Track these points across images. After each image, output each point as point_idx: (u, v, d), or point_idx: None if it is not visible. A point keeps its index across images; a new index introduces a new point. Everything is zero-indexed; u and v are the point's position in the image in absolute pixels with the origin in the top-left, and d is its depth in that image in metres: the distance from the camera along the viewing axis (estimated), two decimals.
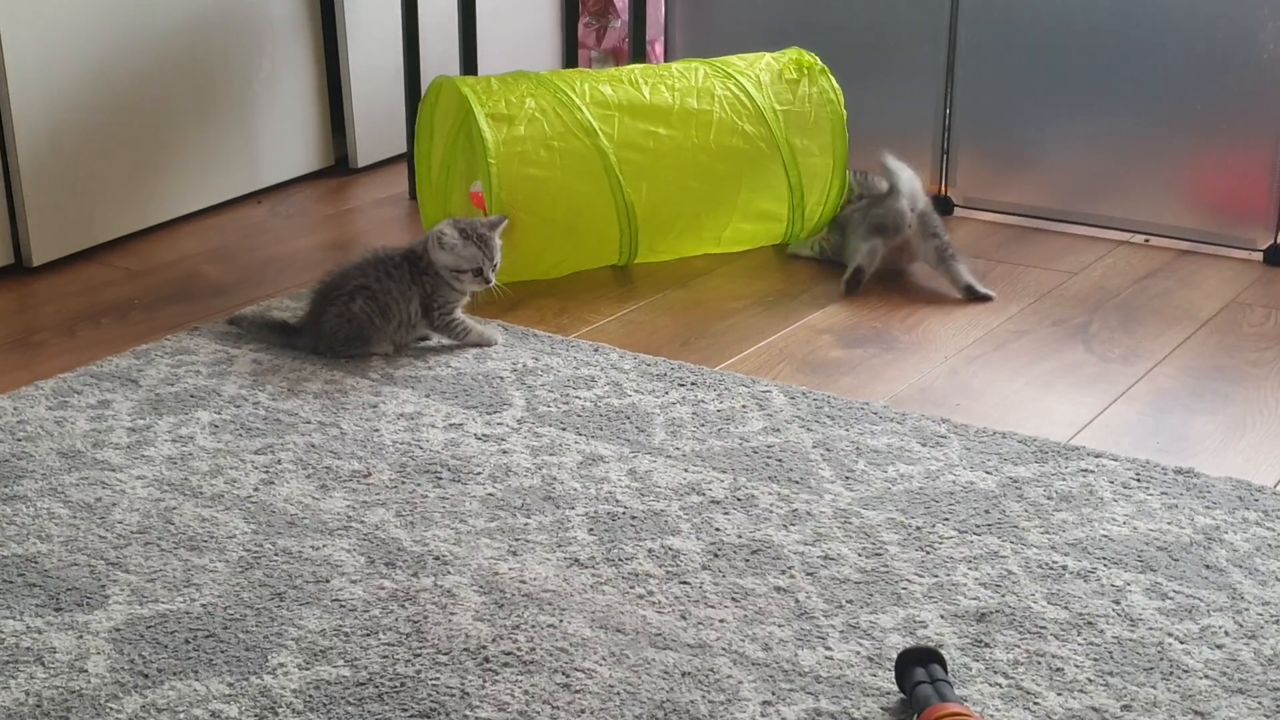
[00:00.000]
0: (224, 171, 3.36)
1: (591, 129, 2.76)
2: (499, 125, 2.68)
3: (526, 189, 2.71)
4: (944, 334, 2.66)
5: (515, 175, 2.69)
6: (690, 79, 2.92)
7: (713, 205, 2.94)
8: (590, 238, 2.86)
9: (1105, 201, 3.19)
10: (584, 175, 2.76)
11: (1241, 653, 1.73)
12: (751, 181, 2.94)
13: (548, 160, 2.72)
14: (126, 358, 2.51)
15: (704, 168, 2.88)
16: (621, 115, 2.81)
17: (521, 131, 2.70)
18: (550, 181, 2.73)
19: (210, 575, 1.87)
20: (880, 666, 1.70)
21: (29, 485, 2.09)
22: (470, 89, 2.73)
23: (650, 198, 2.84)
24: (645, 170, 2.82)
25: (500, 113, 2.70)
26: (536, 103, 2.75)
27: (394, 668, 1.69)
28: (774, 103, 2.95)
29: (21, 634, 1.75)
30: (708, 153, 2.88)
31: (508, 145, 2.68)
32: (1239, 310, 2.77)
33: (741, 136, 2.91)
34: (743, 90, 2.93)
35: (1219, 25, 3.00)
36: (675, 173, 2.86)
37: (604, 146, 2.76)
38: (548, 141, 2.72)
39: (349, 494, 2.07)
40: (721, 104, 2.90)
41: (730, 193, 2.93)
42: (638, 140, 2.81)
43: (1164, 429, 2.30)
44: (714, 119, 2.88)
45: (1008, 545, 1.94)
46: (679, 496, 2.07)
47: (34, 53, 2.89)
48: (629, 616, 1.79)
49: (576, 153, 2.75)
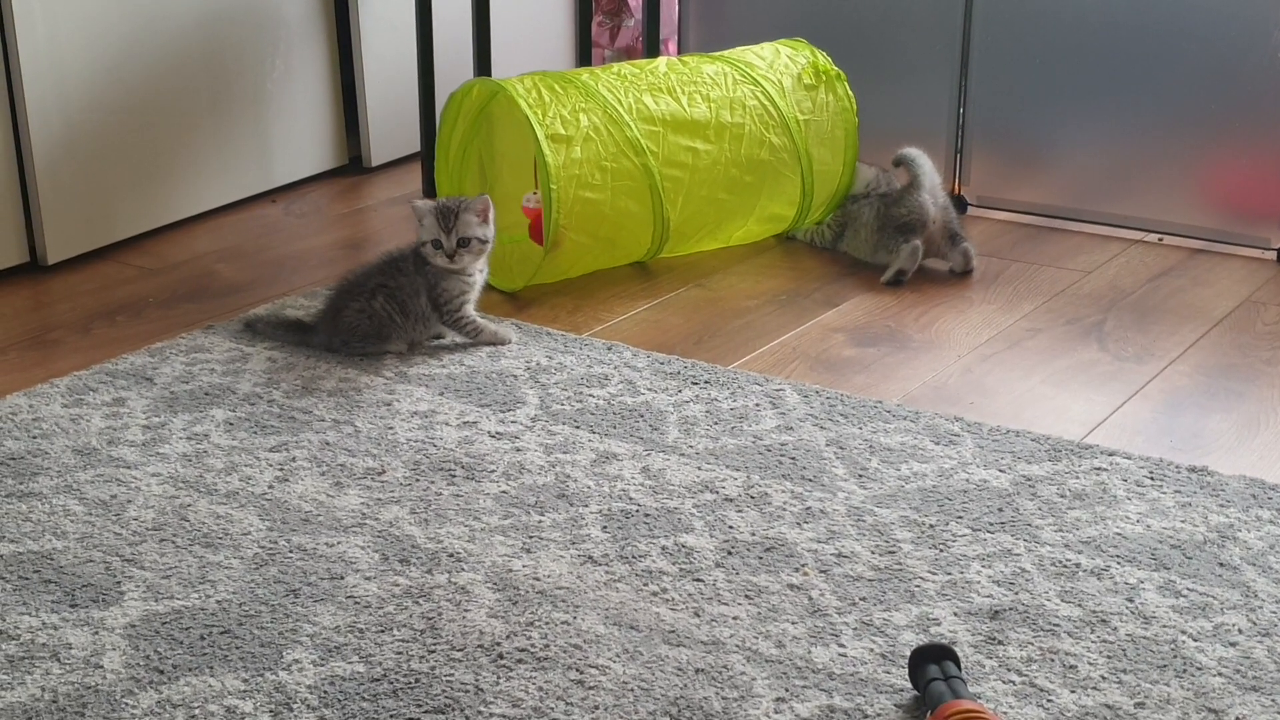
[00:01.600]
0: (238, 170, 3.36)
1: (640, 147, 2.78)
2: (558, 147, 2.69)
3: (580, 210, 2.73)
4: (957, 332, 2.66)
5: (572, 198, 2.70)
6: (722, 86, 2.93)
7: (735, 213, 2.98)
8: (624, 248, 2.89)
9: (1119, 200, 3.19)
10: (631, 194, 2.79)
11: (1255, 650, 1.72)
12: (771, 189, 2.98)
13: (601, 183, 2.74)
14: (141, 355, 2.51)
15: (733, 180, 2.92)
16: (666, 131, 2.83)
17: (578, 154, 2.72)
18: (602, 203, 2.75)
19: (225, 572, 1.88)
20: (894, 664, 1.70)
21: (44, 482, 2.09)
22: (527, 104, 2.72)
23: (684, 211, 2.88)
24: (683, 185, 2.85)
25: (558, 133, 2.71)
26: (589, 119, 2.76)
27: (408, 664, 1.69)
28: (797, 111, 2.98)
29: (37, 630, 1.76)
30: (738, 166, 2.91)
31: (566, 169, 2.69)
32: (1252, 309, 2.76)
33: (769, 148, 2.94)
34: (769, 99, 2.95)
35: (1232, 25, 2.99)
36: (709, 187, 2.89)
37: (651, 166, 2.78)
38: (601, 163, 2.74)
39: (363, 491, 2.08)
40: (752, 115, 2.93)
41: (752, 201, 2.97)
42: (679, 157, 2.84)
43: (1177, 427, 2.30)
44: (745, 132, 2.91)
45: (1021, 543, 1.95)
46: (692, 494, 2.07)
47: (48, 52, 2.90)
48: (642, 613, 1.79)
49: (626, 172, 2.77)
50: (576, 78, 2.85)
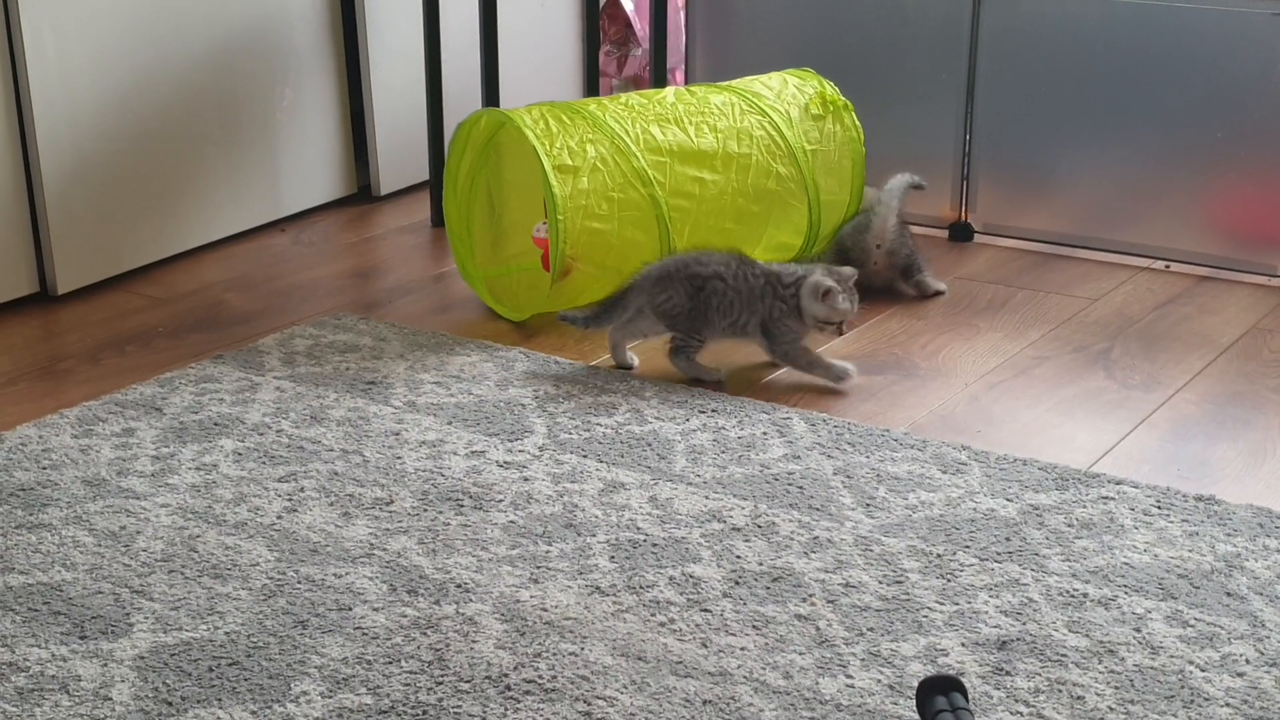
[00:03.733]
0: (247, 200, 3.38)
1: (648, 178, 2.78)
2: (565, 178, 2.70)
3: (587, 240, 2.73)
4: (964, 361, 2.67)
5: (579, 229, 2.71)
6: (729, 117, 2.94)
7: (742, 242, 2.97)
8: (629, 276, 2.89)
9: (1125, 228, 3.19)
10: (638, 224, 2.79)
11: (1263, 681, 1.72)
12: (778, 219, 2.98)
13: (607, 213, 2.75)
14: (151, 385, 2.52)
15: (740, 209, 2.92)
16: (673, 161, 2.84)
17: (585, 184, 2.72)
18: (609, 233, 2.76)
19: (234, 603, 1.88)
20: (901, 695, 1.70)
21: (54, 513, 2.10)
22: (534, 135, 2.73)
23: (691, 240, 2.88)
24: (690, 215, 2.85)
25: (565, 164, 2.72)
26: (597, 150, 2.76)
27: (416, 695, 1.70)
28: (804, 142, 2.99)
29: (47, 662, 1.76)
30: (745, 195, 2.92)
31: (573, 199, 2.70)
32: (1259, 336, 2.77)
33: (775, 178, 2.95)
34: (776, 130, 2.96)
35: (1238, 52, 3.00)
36: (716, 217, 2.89)
37: (658, 196, 2.79)
38: (608, 193, 2.75)
39: (371, 521, 2.08)
40: (759, 146, 2.94)
41: (759, 231, 2.97)
42: (686, 187, 2.84)
43: (1185, 456, 2.30)
44: (753, 162, 2.92)
45: (1028, 573, 1.95)
46: (700, 524, 2.08)
47: (58, 82, 2.91)
48: (650, 644, 1.79)
49: (633, 203, 2.78)
50: (584, 108, 2.86)
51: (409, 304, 2.96)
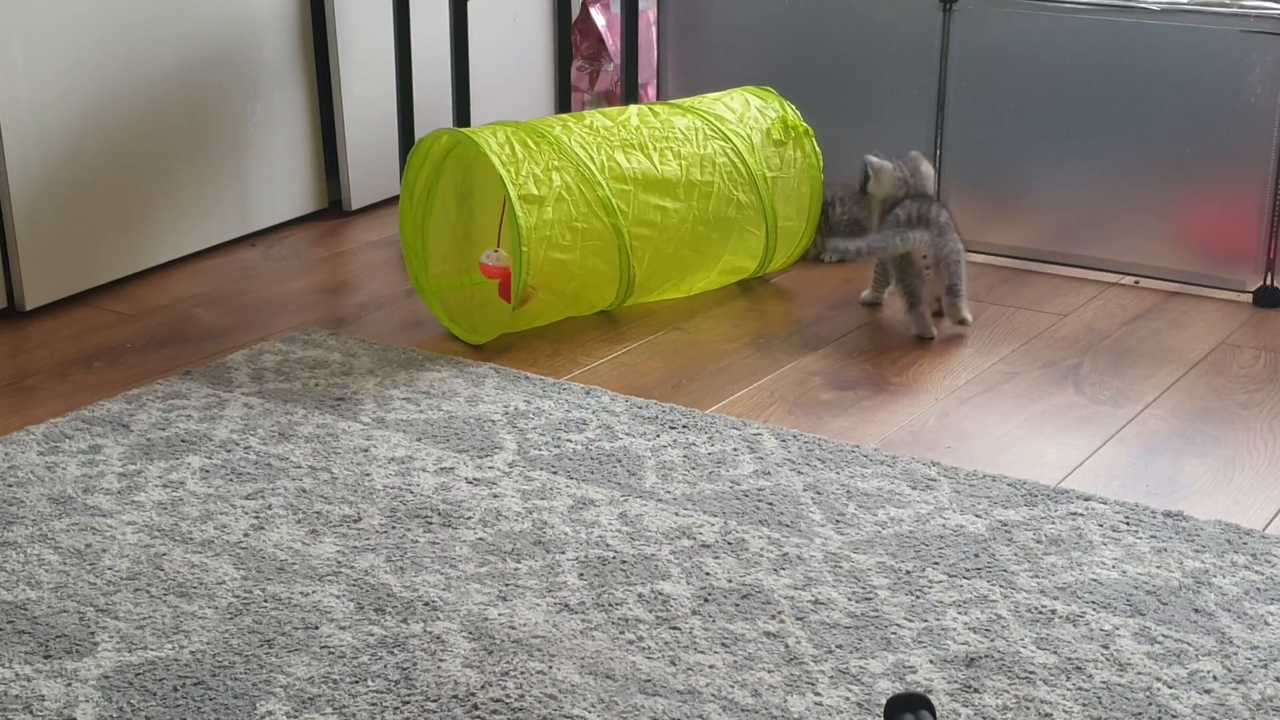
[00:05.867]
0: (217, 215, 3.37)
1: (612, 207, 2.78)
2: (530, 208, 2.69)
3: (549, 270, 2.73)
4: (935, 376, 2.67)
5: (542, 259, 2.70)
6: (693, 143, 2.94)
7: (698, 267, 2.99)
8: (589, 302, 2.89)
9: (1095, 243, 3.20)
10: (599, 254, 2.79)
11: (1230, 697, 1.73)
12: (735, 244, 3.00)
13: (570, 243, 2.74)
14: (118, 402, 2.51)
15: (700, 236, 2.93)
16: (637, 190, 2.83)
17: (549, 215, 2.71)
18: (571, 263, 2.75)
19: (200, 622, 1.87)
20: (869, 713, 1.70)
21: (19, 531, 2.09)
22: (500, 161, 2.71)
23: (650, 267, 2.88)
24: (651, 243, 2.85)
25: (530, 193, 2.71)
26: (562, 179, 2.75)
27: (383, 715, 1.69)
28: (765, 169, 3.00)
29: (10, 681, 1.75)
30: (705, 223, 2.92)
31: (538, 230, 2.69)
32: (1228, 352, 2.78)
33: (736, 206, 2.95)
34: (739, 156, 2.97)
35: (1208, 69, 3.01)
36: (675, 245, 2.90)
37: (620, 226, 2.79)
38: (572, 223, 2.74)
39: (339, 539, 2.07)
40: (721, 174, 2.94)
41: (716, 256, 2.99)
42: (648, 216, 2.84)
43: (1153, 472, 2.30)
44: (714, 190, 2.92)
45: (997, 589, 1.95)
46: (670, 540, 2.07)
47: (27, 97, 2.90)
48: (618, 662, 1.79)
49: (596, 232, 2.77)
50: (550, 131, 2.84)
51: (379, 319, 2.95)
